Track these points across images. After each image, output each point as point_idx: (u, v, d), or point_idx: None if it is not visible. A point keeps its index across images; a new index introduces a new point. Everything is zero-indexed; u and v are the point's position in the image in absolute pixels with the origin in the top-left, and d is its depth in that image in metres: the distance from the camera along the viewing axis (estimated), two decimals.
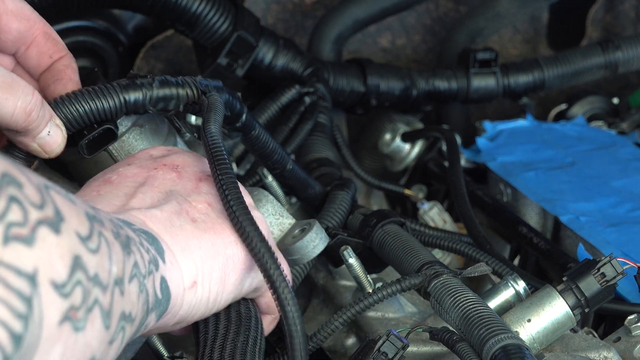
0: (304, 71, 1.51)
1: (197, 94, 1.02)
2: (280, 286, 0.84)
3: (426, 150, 1.61)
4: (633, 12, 1.99)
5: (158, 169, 0.90)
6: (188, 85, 1.02)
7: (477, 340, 0.90)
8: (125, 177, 0.88)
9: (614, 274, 1.00)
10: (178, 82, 1.02)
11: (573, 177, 1.45)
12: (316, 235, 1.06)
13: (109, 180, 0.88)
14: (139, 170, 0.90)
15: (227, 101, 1.04)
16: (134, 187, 0.87)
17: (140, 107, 1.00)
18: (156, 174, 0.89)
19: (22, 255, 0.57)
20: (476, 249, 1.21)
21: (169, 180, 0.89)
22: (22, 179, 0.59)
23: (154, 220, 0.83)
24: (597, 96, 1.76)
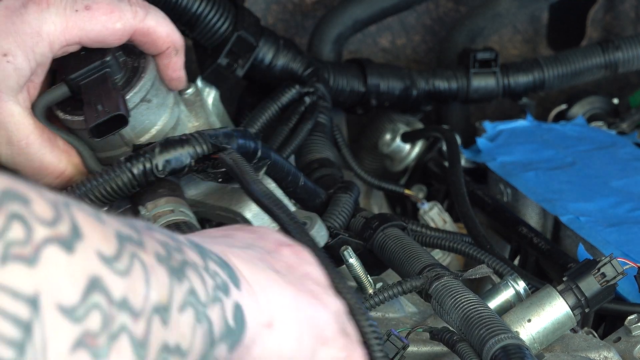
0: (304, 71, 1.50)
1: (207, 149, 1.00)
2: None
3: (426, 150, 1.61)
4: (633, 12, 1.99)
5: (237, 230, 0.86)
6: (196, 140, 1.00)
7: (477, 340, 0.91)
8: (203, 233, 0.85)
9: (614, 274, 1.00)
10: (182, 140, 1.00)
11: (573, 177, 1.45)
12: (317, 234, 1.05)
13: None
14: (215, 230, 0.88)
15: (241, 146, 1.03)
16: (212, 237, 0.82)
17: (150, 176, 0.98)
18: (235, 233, 0.84)
19: (22, 277, 0.54)
20: (477, 249, 1.21)
21: (248, 238, 0.83)
22: (31, 195, 0.56)
23: (234, 254, 0.76)
24: (597, 96, 1.76)
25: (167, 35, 1.09)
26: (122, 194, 0.99)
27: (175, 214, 0.99)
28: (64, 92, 1.07)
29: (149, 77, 1.07)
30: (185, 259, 0.67)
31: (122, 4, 1.06)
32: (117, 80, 1.07)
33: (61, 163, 1.09)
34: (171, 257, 0.66)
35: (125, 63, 1.08)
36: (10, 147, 1.06)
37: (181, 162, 0.99)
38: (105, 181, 0.97)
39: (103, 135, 1.02)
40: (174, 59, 1.10)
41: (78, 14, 1.03)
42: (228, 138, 1.02)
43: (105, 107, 1.02)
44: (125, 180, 0.97)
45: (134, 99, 1.06)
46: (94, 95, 1.04)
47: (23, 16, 1.02)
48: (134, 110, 1.07)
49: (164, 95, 1.09)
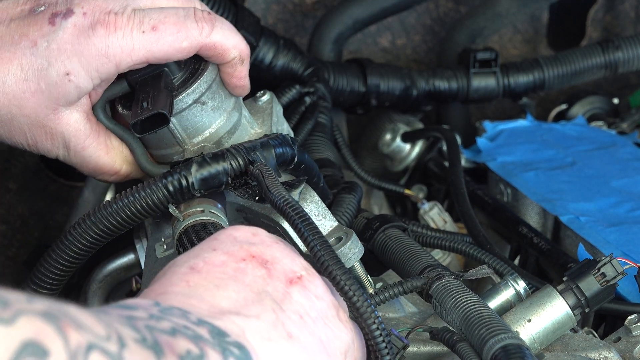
0: (304, 71, 1.51)
1: (243, 163, 1.00)
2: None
3: (426, 150, 1.62)
4: (633, 12, 1.99)
5: (247, 262, 0.83)
6: (231, 155, 1.00)
7: (478, 340, 0.91)
8: (213, 266, 0.82)
9: (614, 274, 1.00)
10: (217, 155, 1.00)
11: (573, 177, 1.45)
12: (349, 250, 1.05)
13: (195, 269, 0.81)
14: (225, 258, 0.83)
15: (279, 155, 1.03)
16: (224, 280, 0.81)
17: (186, 193, 0.99)
18: (245, 268, 0.83)
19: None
20: (477, 249, 1.22)
21: (259, 278, 0.82)
22: (52, 346, 0.56)
23: (252, 331, 0.77)
24: (597, 96, 1.76)
25: (234, 47, 1.09)
26: (157, 210, 0.99)
27: (205, 214, 0.99)
28: (123, 88, 1.09)
29: (205, 80, 1.08)
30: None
31: (188, 21, 1.06)
32: (175, 79, 1.08)
33: (116, 163, 1.12)
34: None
35: (186, 64, 1.09)
36: (67, 150, 1.09)
37: (218, 180, 0.99)
38: (141, 197, 0.98)
39: (145, 131, 1.04)
40: (239, 68, 1.11)
41: (145, 35, 1.04)
42: (265, 148, 1.02)
43: (150, 104, 1.03)
44: (160, 197, 0.99)
45: (186, 100, 1.07)
46: (144, 93, 1.05)
47: (90, 38, 1.03)
48: (187, 110, 1.08)
49: (222, 99, 1.10)
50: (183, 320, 0.71)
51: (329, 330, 0.83)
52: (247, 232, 0.87)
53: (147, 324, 0.66)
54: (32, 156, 1.65)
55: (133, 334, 0.63)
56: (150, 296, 0.78)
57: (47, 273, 1.02)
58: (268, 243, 0.86)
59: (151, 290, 0.79)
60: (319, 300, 0.84)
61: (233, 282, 0.81)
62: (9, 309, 0.55)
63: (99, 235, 1.01)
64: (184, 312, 0.73)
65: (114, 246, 1.19)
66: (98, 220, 1.00)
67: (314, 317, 0.83)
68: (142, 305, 0.71)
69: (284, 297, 0.82)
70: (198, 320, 0.72)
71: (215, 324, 0.74)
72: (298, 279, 0.84)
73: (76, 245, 1.01)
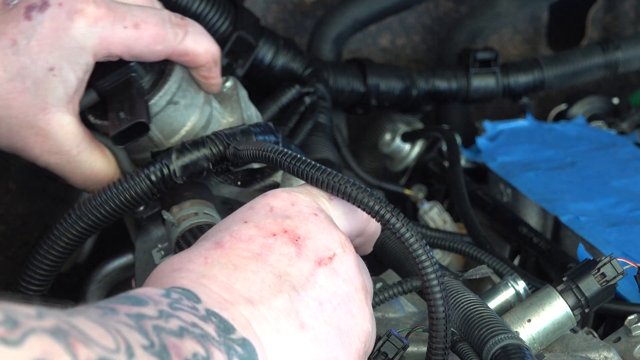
0: (304, 71, 1.51)
1: (223, 149, 1.00)
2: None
3: (426, 150, 1.62)
4: (633, 12, 1.99)
5: (277, 237, 0.80)
6: (212, 142, 1.00)
7: (478, 340, 0.91)
8: (239, 241, 0.79)
9: (614, 274, 1.00)
10: (197, 142, 1.00)
11: (573, 177, 1.45)
12: None
13: (220, 243, 0.79)
14: (254, 232, 0.80)
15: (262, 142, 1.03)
16: (245, 259, 0.78)
17: (169, 181, 0.99)
18: (273, 244, 0.79)
19: None
20: (477, 249, 1.22)
21: (285, 257, 0.79)
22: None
23: (260, 321, 0.75)
24: (597, 96, 1.76)
25: (205, 52, 1.09)
26: (142, 201, 1.00)
27: (199, 217, 0.99)
28: (92, 98, 1.08)
29: (175, 80, 1.08)
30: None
31: (166, 26, 1.06)
32: (144, 83, 1.07)
33: (111, 168, 1.10)
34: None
35: (151, 65, 1.08)
36: (60, 156, 1.06)
37: (199, 166, 0.99)
38: (125, 189, 0.99)
39: (126, 142, 1.03)
40: (214, 69, 1.11)
41: (126, 31, 1.04)
42: (246, 135, 1.02)
43: (127, 114, 1.02)
44: (144, 188, 0.99)
45: (160, 103, 1.07)
46: (117, 102, 1.05)
47: (69, 30, 1.01)
48: (161, 113, 1.07)
49: (192, 95, 1.10)
50: (191, 316, 0.70)
51: (351, 317, 0.81)
52: (286, 201, 0.83)
53: (156, 325, 0.66)
54: None
55: (141, 340, 0.63)
56: (163, 273, 0.77)
57: (37, 270, 1.03)
58: (305, 215, 0.82)
59: (167, 265, 0.79)
60: (346, 284, 0.81)
61: (254, 261, 0.78)
62: (18, 328, 0.55)
63: (84, 230, 1.01)
64: (193, 303, 0.71)
65: (114, 246, 1.19)
66: (83, 214, 1.00)
67: (336, 303, 0.80)
68: (153, 297, 0.70)
69: (307, 281, 0.79)
70: (206, 311, 0.71)
71: (223, 315, 0.72)
72: (329, 259, 0.81)
73: (63, 240, 1.01)
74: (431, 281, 0.83)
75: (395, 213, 0.83)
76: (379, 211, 0.83)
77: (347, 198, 0.84)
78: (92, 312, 0.63)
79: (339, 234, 0.83)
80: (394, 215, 0.82)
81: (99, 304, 0.67)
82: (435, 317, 0.85)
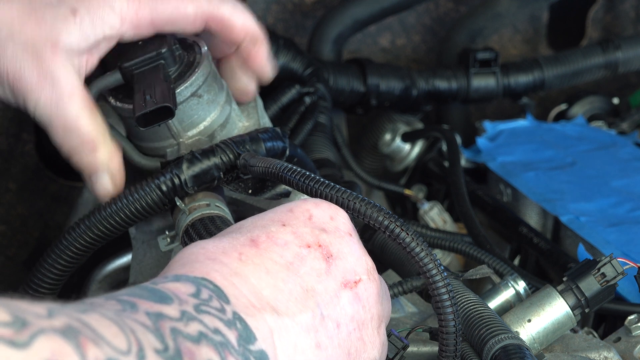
0: (304, 71, 1.51)
1: (233, 157, 1.00)
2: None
3: (426, 150, 1.62)
4: (633, 12, 1.99)
5: (311, 250, 0.80)
6: (221, 150, 1.00)
7: (478, 340, 0.91)
8: (274, 244, 0.79)
9: (614, 274, 1.00)
10: (207, 151, 1.00)
11: (573, 177, 1.45)
12: None
13: (256, 242, 0.79)
14: (291, 238, 0.80)
15: (269, 148, 1.02)
16: (278, 265, 0.78)
17: (180, 191, 0.99)
18: (307, 256, 0.79)
19: None
20: (477, 249, 1.22)
21: (315, 271, 0.79)
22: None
23: (282, 333, 0.75)
24: (597, 96, 1.76)
25: (243, 25, 1.07)
26: (153, 211, 0.99)
27: (211, 208, 0.99)
28: (117, 79, 1.07)
29: (202, 73, 1.08)
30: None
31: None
32: (171, 72, 1.07)
33: (96, 134, 1.03)
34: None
35: (181, 57, 1.08)
36: (50, 95, 1.01)
37: (210, 175, 0.99)
38: (135, 200, 0.98)
39: (149, 124, 1.02)
40: (254, 49, 1.09)
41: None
42: (255, 142, 1.02)
43: (154, 97, 1.02)
44: (155, 199, 0.99)
45: (184, 93, 1.07)
46: (144, 85, 1.04)
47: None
48: (184, 103, 1.07)
49: (216, 92, 1.10)
50: (217, 321, 0.69)
51: (362, 344, 0.81)
52: (326, 212, 0.83)
53: (174, 327, 0.65)
54: (31, 156, 1.65)
55: (155, 343, 0.62)
56: (198, 257, 0.76)
57: (44, 277, 1.02)
58: (341, 234, 0.83)
59: (203, 250, 0.78)
60: (365, 312, 0.81)
61: (285, 270, 0.78)
62: (27, 329, 0.55)
63: (93, 239, 1.00)
64: (222, 305, 0.71)
65: (114, 246, 1.19)
66: (92, 224, 1.00)
67: (352, 328, 0.80)
68: (180, 295, 0.69)
69: (331, 301, 0.79)
70: (233, 315, 0.71)
71: (248, 322, 0.72)
72: (355, 283, 0.81)
73: (71, 249, 1.01)
74: (442, 295, 0.83)
75: (405, 227, 0.83)
76: (389, 226, 0.83)
77: (356, 214, 0.84)
78: (110, 306, 0.63)
79: (367, 260, 0.83)
80: (404, 230, 0.82)
81: (121, 295, 0.66)
82: (446, 332, 0.85)
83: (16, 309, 0.55)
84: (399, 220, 0.83)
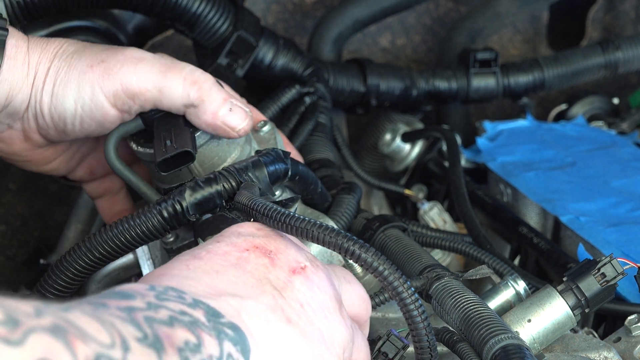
0: (304, 71, 1.51)
1: (236, 185, 0.99)
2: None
3: (426, 150, 1.62)
4: (633, 12, 1.99)
5: (250, 252, 0.84)
6: (224, 178, 1.00)
7: (478, 340, 0.91)
8: (215, 255, 0.83)
9: (614, 274, 1.00)
10: (210, 179, 0.99)
11: (573, 177, 1.45)
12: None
13: (198, 256, 0.83)
14: (229, 248, 0.84)
15: (272, 172, 1.02)
16: (225, 266, 0.82)
17: (182, 218, 0.99)
18: (248, 257, 0.83)
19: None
20: (477, 249, 1.22)
21: (261, 266, 0.83)
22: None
23: (249, 312, 0.78)
24: (597, 96, 1.76)
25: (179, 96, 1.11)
26: (152, 237, 0.99)
27: None
28: (138, 125, 1.09)
29: None
30: (204, 358, 0.70)
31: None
32: None
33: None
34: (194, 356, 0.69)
35: None
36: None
37: (212, 203, 0.99)
38: (136, 224, 0.98)
39: (170, 169, 1.04)
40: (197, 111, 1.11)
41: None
42: (257, 168, 1.02)
43: (174, 142, 1.04)
44: (156, 224, 0.98)
45: (204, 136, 1.08)
46: (164, 130, 1.06)
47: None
48: (204, 146, 1.08)
49: None
50: (179, 304, 0.72)
51: (329, 323, 0.83)
52: (251, 227, 0.88)
53: (146, 316, 0.68)
54: None
55: (135, 332, 0.65)
56: (148, 279, 0.79)
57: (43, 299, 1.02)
58: (273, 236, 0.86)
59: (151, 274, 0.81)
60: (321, 292, 0.84)
61: (234, 268, 0.81)
62: (19, 328, 0.56)
63: (93, 262, 1.00)
64: (179, 293, 0.74)
65: None
66: (93, 247, 1.00)
67: (315, 307, 0.83)
68: (139, 291, 0.71)
69: (286, 285, 0.82)
70: (193, 300, 0.73)
71: (211, 304, 0.75)
72: (302, 269, 0.84)
73: (67, 274, 1.01)
74: (414, 318, 0.85)
75: (367, 249, 0.84)
76: (360, 254, 0.84)
77: (325, 244, 0.85)
78: (85, 307, 0.64)
79: (306, 252, 0.87)
80: (365, 252, 0.84)
81: (89, 299, 0.68)
82: (420, 347, 0.86)
83: (7, 307, 0.57)
84: (359, 242, 0.84)
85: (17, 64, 1.08)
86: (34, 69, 1.09)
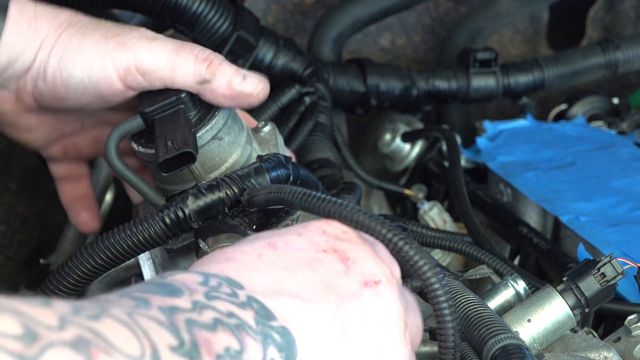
0: (304, 71, 1.51)
1: (239, 191, 0.98)
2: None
3: (426, 150, 1.62)
4: (633, 12, 1.99)
5: (328, 253, 0.81)
6: (226, 184, 0.99)
7: (478, 340, 0.91)
8: (292, 249, 0.80)
9: (614, 274, 1.00)
10: (212, 186, 0.99)
11: (573, 177, 1.45)
12: None
13: (274, 245, 0.80)
14: (307, 245, 0.81)
15: (274, 178, 1.02)
16: (297, 264, 0.79)
17: (184, 225, 0.98)
18: (324, 259, 0.80)
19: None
20: (477, 248, 1.22)
21: (334, 271, 0.79)
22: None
23: (305, 316, 0.75)
24: (597, 96, 1.76)
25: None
26: (154, 244, 0.99)
27: None
28: (139, 125, 1.08)
29: (222, 116, 1.08)
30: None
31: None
32: (191, 116, 1.08)
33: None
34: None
35: (200, 100, 1.09)
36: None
37: (215, 210, 0.98)
38: (138, 231, 0.98)
39: (171, 170, 1.03)
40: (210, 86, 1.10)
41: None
42: (260, 174, 1.01)
43: (175, 143, 1.03)
44: (158, 231, 0.98)
45: (205, 137, 1.07)
46: (165, 131, 1.05)
47: None
48: (205, 147, 1.08)
49: (237, 133, 1.10)
50: (228, 304, 0.69)
51: (391, 343, 0.80)
52: (338, 228, 0.84)
53: (188, 318, 0.65)
54: (32, 156, 1.65)
55: (170, 340, 0.63)
56: (214, 260, 0.77)
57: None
58: (356, 242, 0.83)
59: (220, 254, 0.78)
60: (390, 311, 0.81)
61: (305, 267, 0.78)
62: (37, 343, 0.55)
63: (94, 268, 1.00)
64: (233, 289, 0.71)
65: None
66: (95, 252, 0.99)
67: (378, 325, 0.79)
68: (189, 285, 0.69)
69: (353, 296, 0.79)
70: (247, 298, 0.71)
71: (266, 303, 0.72)
72: (375, 283, 0.80)
73: (68, 280, 1.00)
74: (441, 304, 0.82)
75: (410, 241, 0.82)
76: (392, 239, 0.82)
77: (358, 226, 0.83)
78: (124, 305, 0.63)
79: (384, 267, 0.82)
80: (407, 243, 0.82)
81: (133, 292, 0.66)
82: (445, 347, 0.84)
83: (28, 320, 0.55)
84: (402, 234, 0.82)
85: (22, 29, 1.07)
86: (42, 33, 1.08)
